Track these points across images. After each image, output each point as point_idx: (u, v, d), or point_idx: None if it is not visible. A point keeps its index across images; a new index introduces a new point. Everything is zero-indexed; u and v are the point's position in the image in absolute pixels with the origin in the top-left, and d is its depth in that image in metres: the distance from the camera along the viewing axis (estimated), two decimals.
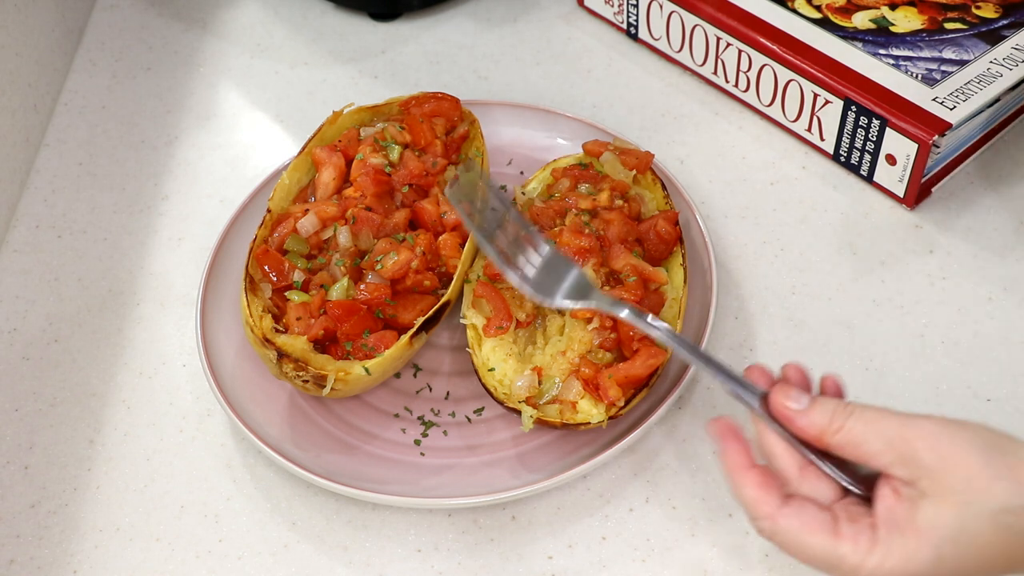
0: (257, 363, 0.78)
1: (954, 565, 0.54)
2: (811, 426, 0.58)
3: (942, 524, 0.54)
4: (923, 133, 0.84)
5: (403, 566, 0.71)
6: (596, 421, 0.71)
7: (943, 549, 0.54)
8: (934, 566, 0.54)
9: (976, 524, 0.54)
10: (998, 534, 0.53)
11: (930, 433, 0.56)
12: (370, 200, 0.80)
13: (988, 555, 0.54)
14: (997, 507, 0.53)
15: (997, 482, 0.54)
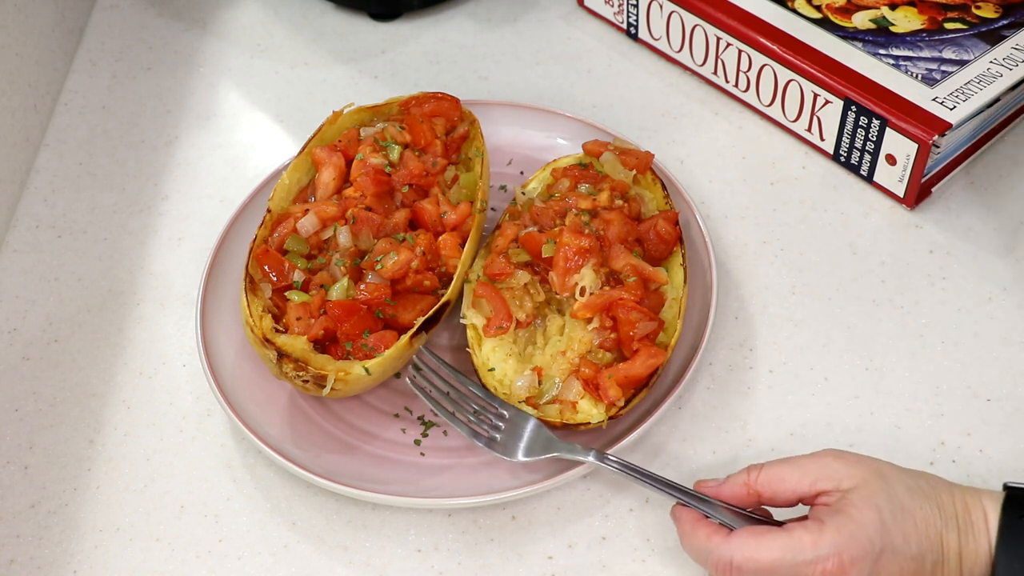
0: (257, 363, 0.78)
1: (899, 531, 0.60)
2: (735, 485, 0.65)
3: (874, 497, 0.61)
4: (923, 133, 0.84)
5: (403, 566, 0.71)
6: (596, 421, 0.71)
7: (883, 513, 0.60)
8: (881, 530, 0.60)
9: (901, 498, 0.61)
10: (920, 505, 0.61)
11: (830, 454, 0.64)
12: (370, 200, 0.80)
13: (922, 519, 0.61)
14: (910, 482, 0.62)
15: (899, 469, 0.64)
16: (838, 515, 0.61)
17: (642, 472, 0.67)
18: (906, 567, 0.60)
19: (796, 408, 0.77)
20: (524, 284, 0.76)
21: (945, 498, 0.62)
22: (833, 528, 0.61)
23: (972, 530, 0.61)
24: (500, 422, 0.71)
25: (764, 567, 0.61)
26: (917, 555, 0.61)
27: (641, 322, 0.73)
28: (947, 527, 0.61)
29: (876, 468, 0.63)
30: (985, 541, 0.61)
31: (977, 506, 0.62)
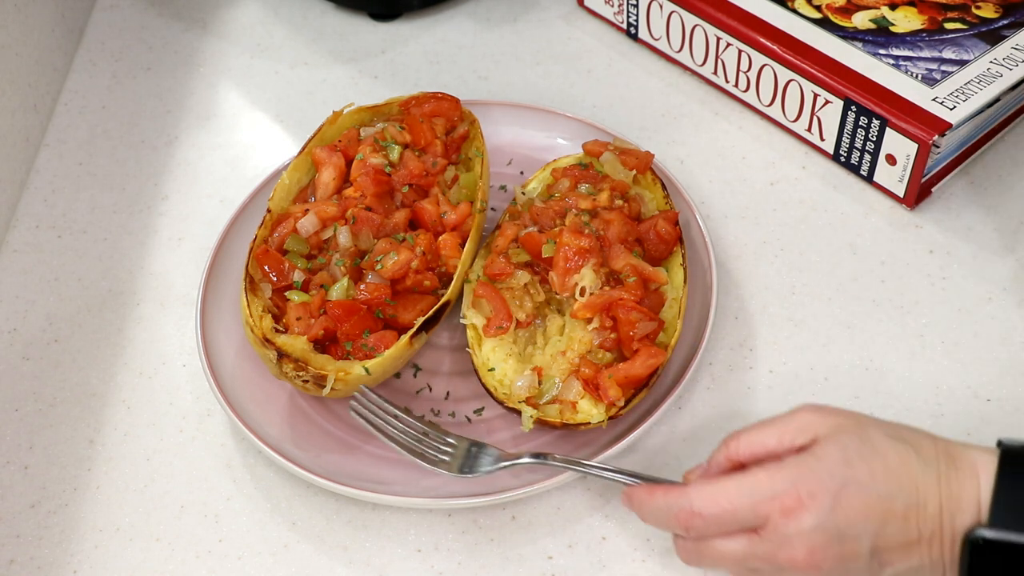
0: (257, 363, 0.78)
1: (865, 467, 0.59)
2: (718, 465, 0.64)
3: (845, 440, 0.60)
4: (923, 133, 0.84)
5: (403, 566, 0.71)
6: (596, 421, 0.71)
7: (848, 450, 0.60)
8: (843, 463, 0.59)
9: (874, 439, 0.60)
10: (894, 446, 0.60)
11: (807, 409, 0.63)
12: (370, 200, 0.80)
13: (895, 460, 0.60)
14: (889, 430, 0.61)
15: (881, 420, 0.63)
16: (800, 454, 0.61)
17: (589, 465, 0.68)
18: (873, 505, 0.59)
19: None
20: (524, 284, 0.76)
21: (927, 445, 0.61)
22: (791, 464, 0.60)
23: (956, 476, 0.59)
24: (448, 447, 0.72)
25: (725, 509, 0.60)
26: (885, 495, 0.59)
27: (641, 322, 0.73)
28: (925, 471, 0.59)
29: (855, 416, 0.62)
30: (972, 489, 0.59)
31: (965, 457, 0.60)
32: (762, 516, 0.60)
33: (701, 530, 0.62)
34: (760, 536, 0.60)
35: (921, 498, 0.59)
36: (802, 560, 0.59)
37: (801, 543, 0.59)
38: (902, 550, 0.59)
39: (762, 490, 0.60)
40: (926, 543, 0.59)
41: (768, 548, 0.60)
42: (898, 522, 0.59)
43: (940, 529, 0.59)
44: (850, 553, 0.59)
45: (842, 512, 0.59)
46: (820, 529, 0.59)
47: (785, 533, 0.59)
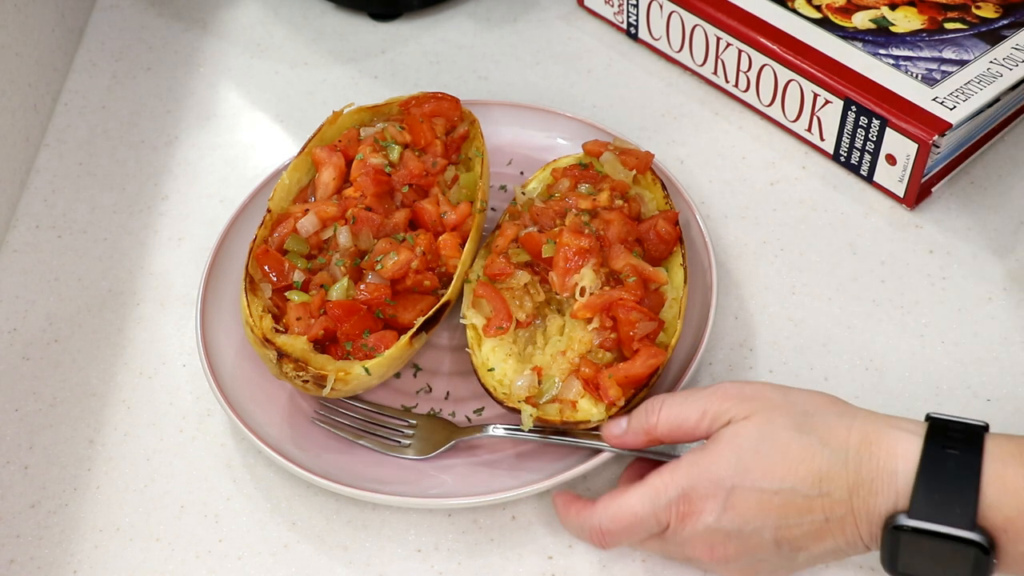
0: (257, 363, 0.78)
1: (759, 467, 0.61)
2: (636, 434, 0.67)
3: (743, 435, 0.62)
4: (923, 133, 0.84)
5: (403, 566, 0.71)
6: (596, 420, 0.71)
7: (742, 450, 0.61)
8: (735, 467, 0.61)
9: (777, 434, 0.61)
10: (798, 439, 0.61)
11: (728, 390, 0.65)
12: (370, 200, 0.80)
13: (796, 453, 0.60)
14: (800, 418, 0.62)
15: (795, 396, 0.64)
16: (698, 452, 0.63)
17: (550, 434, 0.72)
18: (767, 502, 0.60)
19: None
20: (524, 284, 0.76)
21: (839, 429, 0.61)
22: (685, 466, 0.62)
23: (870, 459, 0.60)
24: (410, 430, 0.75)
25: (630, 523, 0.63)
26: (782, 490, 0.60)
27: (641, 322, 0.73)
28: (831, 459, 0.60)
29: (769, 402, 0.63)
30: (889, 472, 0.59)
31: (885, 438, 0.60)
32: (663, 523, 0.63)
33: (614, 542, 0.65)
34: (665, 538, 0.64)
35: (825, 487, 0.60)
36: (706, 557, 0.63)
37: (701, 543, 0.62)
38: (812, 537, 0.61)
39: (659, 500, 0.62)
40: (837, 526, 0.60)
41: (675, 547, 0.64)
42: (800, 513, 0.60)
43: (852, 512, 0.60)
44: (754, 545, 0.61)
45: (735, 512, 0.61)
46: (716, 530, 0.61)
47: (685, 536, 0.63)
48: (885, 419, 0.62)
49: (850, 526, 0.60)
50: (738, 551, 0.62)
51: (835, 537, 0.61)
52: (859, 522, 0.60)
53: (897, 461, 0.59)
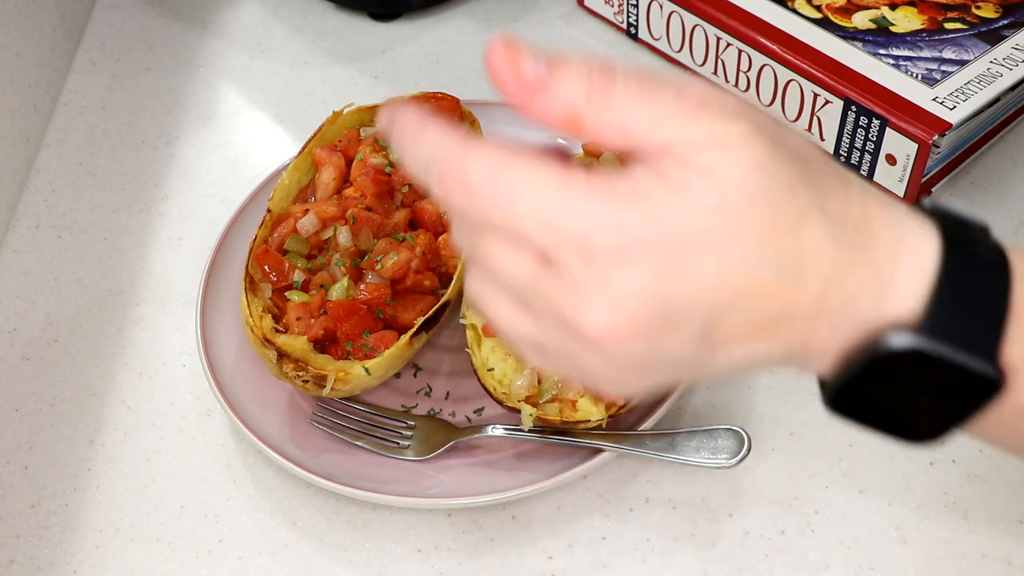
0: (257, 363, 0.78)
1: (750, 225, 0.40)
2: (557, 104, 0.42)
3: (737, 173, 0.41)
4: (923, 133, 0.84)
5: (403, 566, 0.71)
6: (596, 420, 0.71)
7: (730, 202, 0.40)
8: (715, 220, 0.40)
9: (782, 183, 0.41)
10: (801, 197, 0.41)
11: (709, 93, 0.44)
12: (370, 200, 0.80)
13: (791, 219, 0.41)
14: (798, 164, 0.42)
15: (789, 133, 0.43)
16: (662, 177, 0.41)
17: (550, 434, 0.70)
18: (731, 276, 0.40)
19: (796, 408, 0.77)
20: None
21: (836, 192, 0.42)
22: (640, 190, 0.41)
23: (868, 246, 0.42)
24: (409, 431, 0.75)
25: (509, 208, 0.41)
26: (755, 262, 0.40)
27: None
28: (823, 233, 0.41)
29: (765, 132, 0.42)
30: (890, 266, 0.42)
31: (888, 216, 0.43)
32: (563, 246, 0.40)
33: (467, 213, 0.42)
34: (551, 271, 0.41)
35: (805, 268, 0.41)
36: (600, 327, 0.40)
37: (605, 304, 0.40)
38: (750, 334, 0.42)
39: (580, 213, 0.40)
40: (786, 326, 0.42)
41: (557, 296, 0.41)
42: (754, 298, 0.41)
43: (819, 313, 0.42)
44: (669, 329, 0.41)
45: (678, 282, 0.40)
46: (637, 295, 0.40)
47: (586, 282, 0.40)
48: (878, 193, 0.44)
49: (803, 330, 0.42)
50: (644, 336, 0.41)
51: (773, 342, 0.42)
52: (819, 326, 0.42)
53: (904, 254, 0.42)
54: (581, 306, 0.41)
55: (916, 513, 0.71)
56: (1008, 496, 0.72)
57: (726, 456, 0.70)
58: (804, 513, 0.71)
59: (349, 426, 0.75)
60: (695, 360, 0.43)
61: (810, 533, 0.71)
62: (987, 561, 0.69)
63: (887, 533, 0.70)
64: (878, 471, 0.73)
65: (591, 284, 0.40)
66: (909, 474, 0.73)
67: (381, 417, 0.76)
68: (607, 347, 0.41)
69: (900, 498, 0.72)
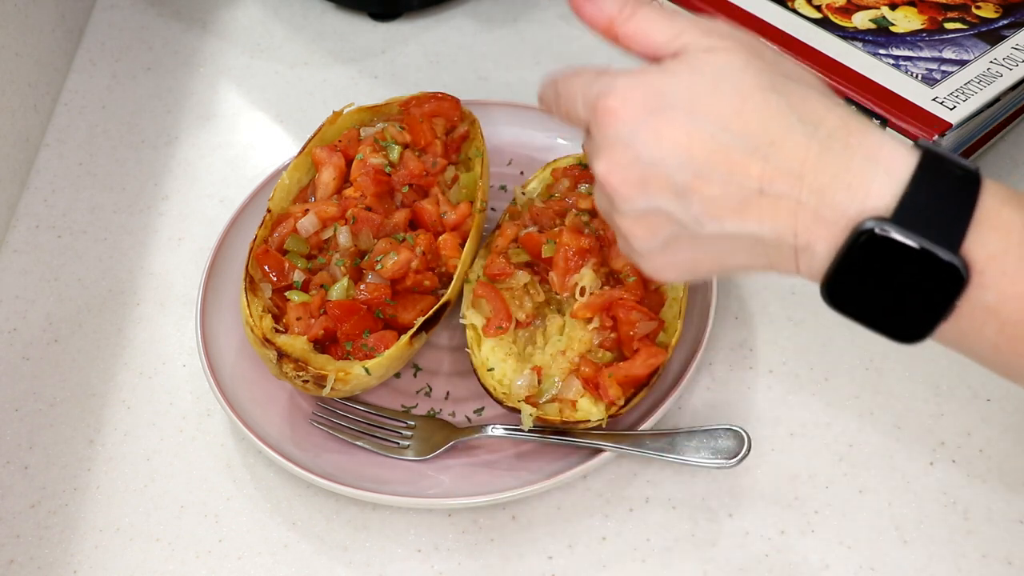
0: (257, 363, 0.78)
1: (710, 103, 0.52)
2: (601, 11, 0.57)
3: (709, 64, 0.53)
4: (923, 133, 0.84)
5: (403, 566, 0.71)
6: (596, 420, 0.71)
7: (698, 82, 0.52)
8: (683, 94, 0.52)
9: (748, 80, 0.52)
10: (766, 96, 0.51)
11: (724, 25, 0.55)
12: (370, 200, 0.80)
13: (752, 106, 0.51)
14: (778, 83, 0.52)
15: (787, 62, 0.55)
16: (659, 63, 0.54)
17: (550, 434, 0.71)
18: (698, 140, 0.51)
19: (796, 408, 0.77)
20: (524, 284, 0.76)
21: (815, 105, 0.52)
22: (640, 70, 0.54)
23: (844, 149, 0.50)
24: (409, 432, 0.75)
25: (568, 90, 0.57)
26: (718, 134, 0.51)
27: (641, 322, 0.73)
28: (793, 128, 0.51)
29: (755, 50, 0.54)
30: (867, 167, 0.50)
31: (869, 131, 0.51)
32: (589, 111, 0.55)
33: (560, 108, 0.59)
34: (589, 136, 0.57)
35: (773, 152, 0.50)
36: (600, 173, 0.54)
37: (604, 154, 0.54)
38: (732, 207, 0.51)
39: (597, 85, 0.55)
40: (769, 206, 0.51)
41: (590, 151, 0.56)
42: (729, 169, 0.51)
43: (799, 199, 0.50)
44: (659, 185, 0.52)
45: (656, 136, 0.52)
46: (627, 145, 0.52)
47: (598, 141, 0.54)
48: (872, 123, 0.52)
49: (787, 214, 0.50)
50: (633, 183, 0.53)
51: (761, 220, 0.51)
52: (802, 213, 0.50)
53: (880, 162, 0.50)
54: (596, 156, 0.54)
55: (916, 513, 0.71)
56: (1008, 496, 0.72)
57: (726, 456, 0.70)
58: (804, 513, 0.71)
59: (349, 426, 0.75)
60: (693, 225, 0.52)
61: (810, 533, 0.71)
62: (987, 561, 0.69)
63: (887, 533, 0.70)
64: (878, 471, 0.73)
65: (598, 137, 0.54)
66: (909, 474, 0.73)
67: (381, 417, 0.76)
68: (612, 192, 0.54)
69: (900, 498, 0.72)
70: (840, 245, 0.50)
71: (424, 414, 0.77)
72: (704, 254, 0.54)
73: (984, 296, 0.49)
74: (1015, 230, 0.49)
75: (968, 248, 0.49)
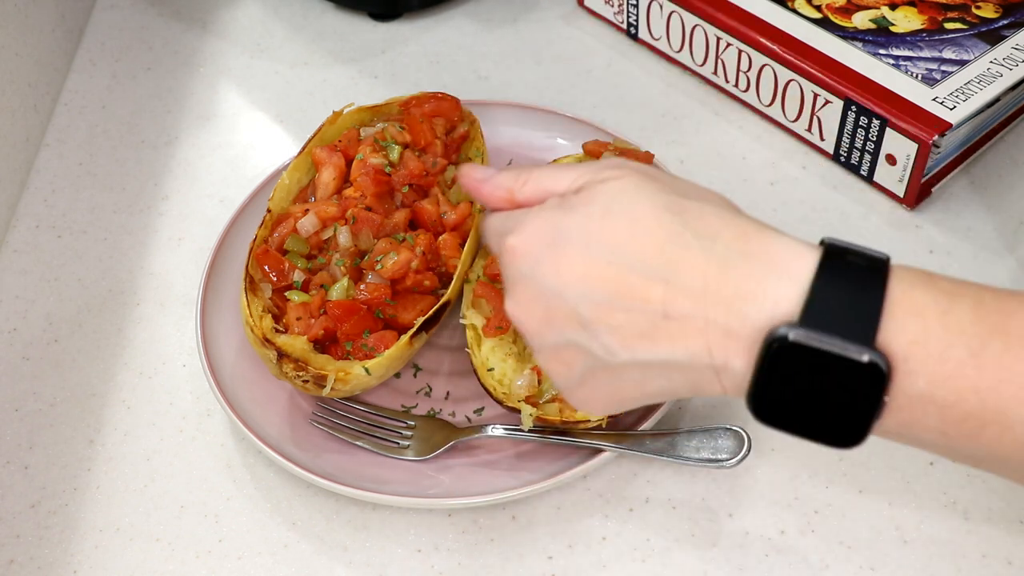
0: (257, 363, 0.78)
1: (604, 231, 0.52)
2: (498, 188, 0.58)
3: (602, 193, 0.53)
4: (923, 133, 0.84)
5: (403, 566, 0.71)
6: (596, 420, 0.71)
7: (592, 211, 0.52)
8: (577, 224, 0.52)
9: (641, 203, 0.52)
10: (660, 216, 0.51)
11: (619, 159, 0.57)
12: (370, 200, 0.80)
13: (645, 228, 0.51)
14: (672, 203, 0.52)
15: (683, 182, 0.55)
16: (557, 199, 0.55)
17: (550, 434, 0.71)
18: (596, 269, 0.51)
19: None
20: None
21: (711, 220, 0.51)
22: (541, 206, 0.55)
23: (745, 262, 0.50)
24: (409, 432, 0.75)
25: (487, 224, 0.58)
26: (615, 262, 0.51)
27: None
28: (690, 245, 0.50)
29: (648, 174, 0.54)
30: (770, 274, 0.49)
31: (769, 238, 0.51)
32: (499, 250, 0.56)
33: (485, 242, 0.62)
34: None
35: (672, 273, 0.49)
36: (508, 310, 0.55)
37: (511, 291, 0.55)
38: (640, 334, 0.50)
39: (508, 222, 0.56)
40: (678, 328, 0.50)
41: (505, 281, 0.57)
42: (630, 296, 0.50)
43: (705, 316, 0.49)
44: (563, 317, 0.52)
45: (555, 269, 0.52)
46: (530, 279, 0.53)
47: (506, 272, 0.55)
48: (773, 228, 0.52)
49: (696, 333, 0.49)
50: (547, 318, 0.53)
51: (672, 343, 0.50)
52: (712, 331, 0.49)
53: (782, 267, 0.49)
54: (507, 296, 0.55)
55: (916, 513, 0.71)
56: (1008, 496, 0.72)
57: (726, 456, 0.70)
58: (804, 513, 0.71)
59: (349, 426, 0.75)
60: (607, 357, 0.51)
61: (810, 533, 0.71)
62: (987, 561, 0.69)
63: (887, 533, 0.70)
64: (878, 471, 0.73)
65: (505, 275, 0.55)
66: (909, 474, 0.73)
67: (381, 417, 0.76)
68: (526, 332, 0.55)
69: (900, 498, 0.72)
70: (755, 360, 0.48)
71: (424, 414, 0.77)
72: (624, 383, 0.53)
73: (916, 384, 0.47)
74: (931, 311, 0.47)
75: (886, 339, 0.47)
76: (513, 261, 0.54)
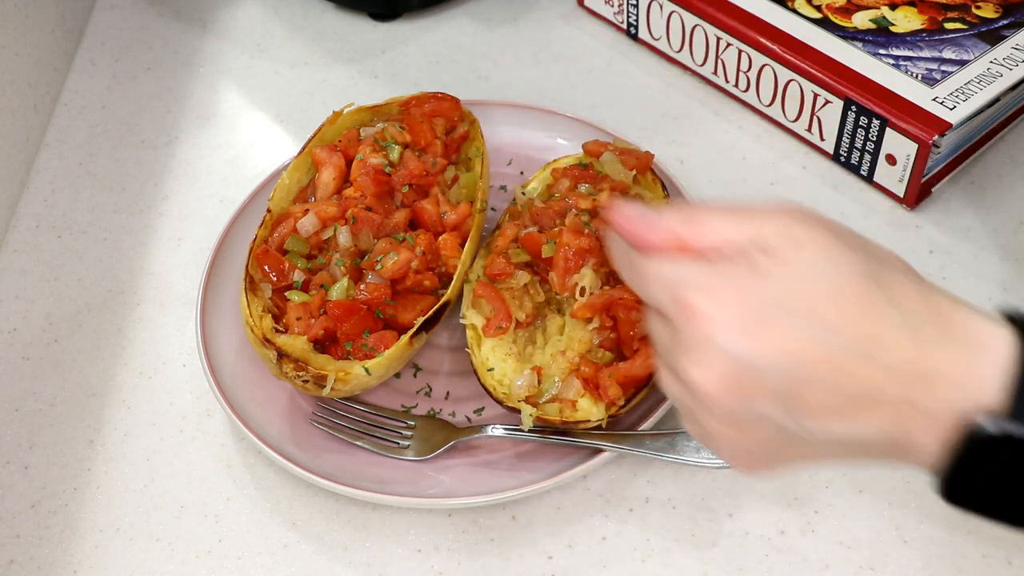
0: (257, 363, 0.78)
1: (811, 302, 0.49)
2: (663, 231, 0.54)
3: (802, 258, 0.50)
4: (923, 133, 0.84)
5: (403, 566, 0.71)
6: (596, 419, 0.71)
7: (796, 277, 0.49)
8: (781, 291, 0.49)
9: (845, 274, 0.49)
10: (864, 288, 0.49)
11: (794, 212, 0.52)
12: (370, 200, 0.80)
13: (853, 303, 0.49)
14: (871, 258, 0.51)
15: (866, 240, 0.52)
16: (746, 258, 0.50)
17: (550, 434, 0.70)
18: (802, 343, 0.48)
19: None
20: (524, 284, 0.76)
21: (909, 293, 0.50)
22: (729, 265, 0.50)
23: (944, 339, 0.48)
24: (409, 432, 0.75)
25: (644, 273, 0.53)
26: (824, 337, 0.48)
27: (641, 322, 0.72)
28: (897, 324, 0.48)
29: (839, 235, 0.51)
30: (970, 357, 0.47)
31: (961, 314, 0.49)
32: (671, 303, 0.51)
33: (633, 284, 0.55)
34: (664, 322, 0.53)
35: (878, 351, 0.48)
36: (693, 377, 0.50)
37: (696, 356, 0.50)
38: (840, 410, 0.49)
39: (679, 272, 0.51)
40: (875, 407, 0.48)
41: (675, 352, 0.52)
42: (835, 373, 0.48)
43: (909, 399, 0.48)
44: (759, 390, 0.49)
45: (758, 341, 0.48)
46: (724, 351, 0.49)
47: (686, 340, 0.50)
48: (956, 299, 0.50)
49: (892, 411, 0.48)
50: (735, 388, 0.49)
51: (868, 420, 0.48)
52: (908, 411, 0.47)
53: (979, 348, 0.47)
54: (685, 358, 0.50)
55: (916, 513, 0.71)
56: None
57: None
58: (804, 513, 0.71)
59: (349, 426, 0.75)
60: (796, 429, 0.50)
61: (810, 533, 0.71)
62: (987, 561, 0.69)
63: (887, 533, 0.70)
64: (878, 471, 0.73)
65: (686, 334, 0.50)
66: (909, 474, 0.73)
67: (381, 417, 0.76)
68: (704, 397, 0.50)
69: (900, 498, 0.72)
70: (953, 444, 0.47)
71: (424, 414, 0.77)
72: (801, 451, 0.52)
73: None
74: None
75: None
76: (700, 325, 0.49)
